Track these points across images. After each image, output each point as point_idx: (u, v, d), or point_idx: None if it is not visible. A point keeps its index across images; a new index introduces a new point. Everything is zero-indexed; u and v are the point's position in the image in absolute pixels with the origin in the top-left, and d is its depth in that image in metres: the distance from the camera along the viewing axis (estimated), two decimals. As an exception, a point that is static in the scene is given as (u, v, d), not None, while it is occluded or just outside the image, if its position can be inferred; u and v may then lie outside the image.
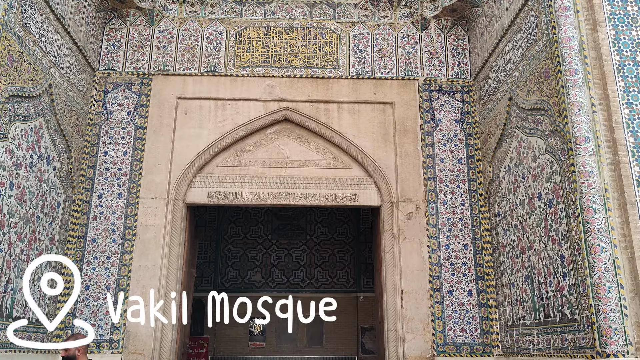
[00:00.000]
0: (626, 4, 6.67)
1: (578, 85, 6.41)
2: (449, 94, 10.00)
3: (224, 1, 10.48)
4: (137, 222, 9.04)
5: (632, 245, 5.82)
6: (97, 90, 9.66)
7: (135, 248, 8.93)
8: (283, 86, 9.98)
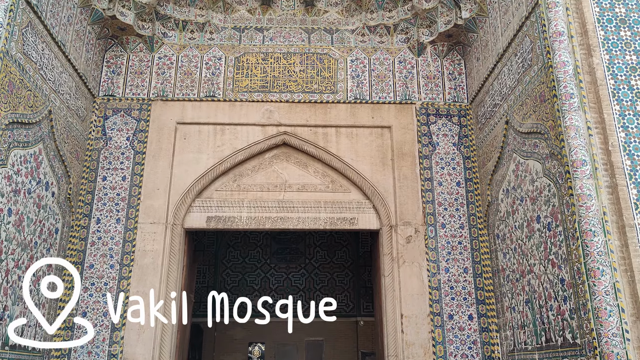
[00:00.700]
0: (619, 29, 6.78)
1: (574, 109, 6.47)
2: (447, 118, 10.07)
3: (223, 28, 10.62)
4: (135, 247, 9.01)
5: (632, 269, 5.81)
6: (97, 116, 9.72)
7: (133, 274, 8.88)
8: (281, 111, 10.06)
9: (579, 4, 6.93)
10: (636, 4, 6.90)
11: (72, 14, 8.75)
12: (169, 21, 10.41)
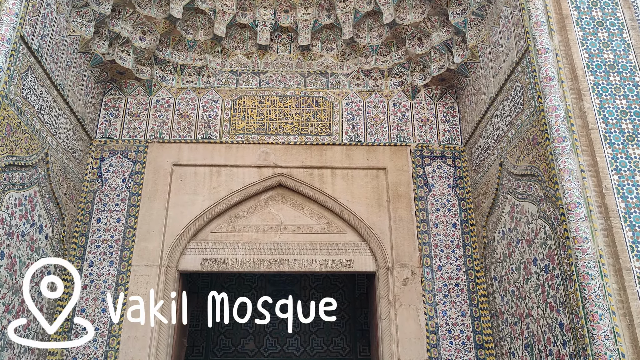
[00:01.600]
0: (608, 74, 6.94)
1: (566, 152, 6.55)
2: (441, 160, 10.16)
3: (220, 71, 10.81)
4: (128, 290, 8.88)
5: (631, 312, 5.75)
6: (93, 158, 9.75)
7: (124, 318, 8.71)
8: (277, 153, 10.13)
9: (568, 50, 7.12)
10: (624, 50, 7.09)
11: (72, 59, 8.89)
12: (167, 65, 10.59)
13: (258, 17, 10.79)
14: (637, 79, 6.91)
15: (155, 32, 10.14)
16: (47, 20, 7.93)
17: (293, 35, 11.01)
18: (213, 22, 10.50)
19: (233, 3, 10.58)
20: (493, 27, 8.82)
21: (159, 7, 10.02)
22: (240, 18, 10.73)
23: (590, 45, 7.12)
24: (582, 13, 7.34)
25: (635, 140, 6.56)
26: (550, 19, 7.35)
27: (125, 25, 9.83)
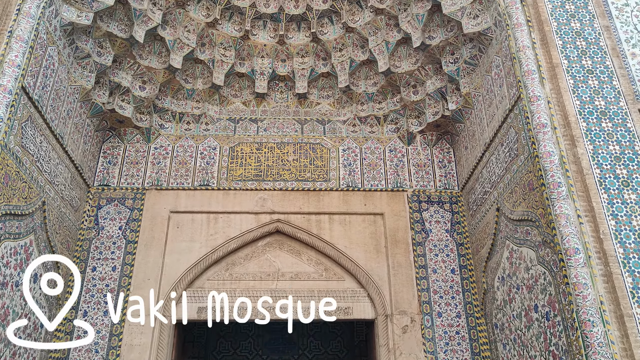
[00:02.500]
0: (600, 121, 7.06)
1: (562, 197, 6.58)
2: (438, 205, 10.17)
3: (218, 119, 10.96)
4: (122, 341, 8.69)
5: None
6: (90, 206, 9.74)
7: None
8: (275, 199, 10.14)
9: (560, 97, 7.27)
10: (614, 97, 7.25)
11: (72, 108, 9.02)
12: (166, 113, 10.74)
13: (256, 66, 11.03)
14: (629, 125, 7.03)
15: (155, 81, 10.34)
16: (48, 71, 8.09)
17: (290, 84, 11.23)
18: (212, 71, 10.72)
19: (231, 53, 10.84)
20: (485, 75, 9.02)
21: (159, 57, 10.25)
22: (239, 67, 10.96)
23: (582, 93, 7.28)
24: (572, 62, 7.54)
25: (630, 185, 6.61)
26: (540, 67, 7.54)
27: (126, 76, 10.03)
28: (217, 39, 10.73)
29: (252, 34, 10.87)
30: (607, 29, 7.85)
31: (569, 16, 7.97)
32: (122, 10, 9.45)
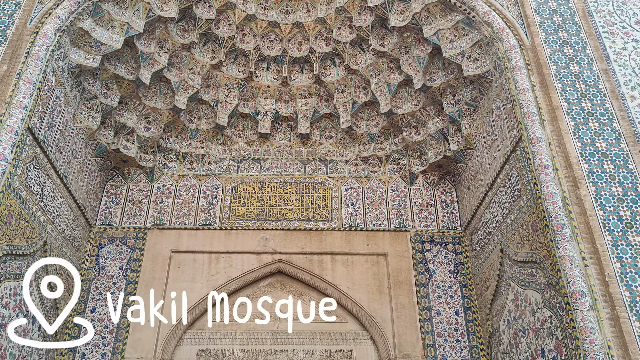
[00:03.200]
0: (602, 162, 7.08)
1: (566, 239, 6.53)
2: (441, 245, 10.10)
3: (221, 159, 11.03)
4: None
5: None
6: (92, 245, 9.70)
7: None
8: (277, 239, 10.09)
9: (561, 139, 7.32)
10: (615, 139, 7.29)
11: (77, 148, 9.10)
12: (169, 153, 10.83)
13: (259, 107, 11.18)
14: (631, 167, 7.05)
15: (159, 121, 10.47)
16: (55, 112, 8.21)
17: (293, 124, 11.35)
18: (216, 112, 10.86)
19: (235, 94, 11.01)
20: (486, 117, 9.11)
21: (164, 98, 10.40)
22: (242, 108, 11.11)
23: (582, 135, 7.33)
24: (571, 104, 7.63)
25: (634, 227, 6.58)
26: (541, 109, 7.62)
27: (131, 116, 10.16)
28: (221, 81, 10.92)
29: (256, 76, 11.06)
30: (605, 72, 7.97)
31: (567, 60, 8.10)
32: (129, 53, 9.66)
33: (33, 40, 7.74)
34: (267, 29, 10.93)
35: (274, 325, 9.54)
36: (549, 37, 8.35)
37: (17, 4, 8.17)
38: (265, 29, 10.92)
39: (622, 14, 8.79)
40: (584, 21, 8.57)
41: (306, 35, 10.99)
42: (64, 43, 8.29)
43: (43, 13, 8.07)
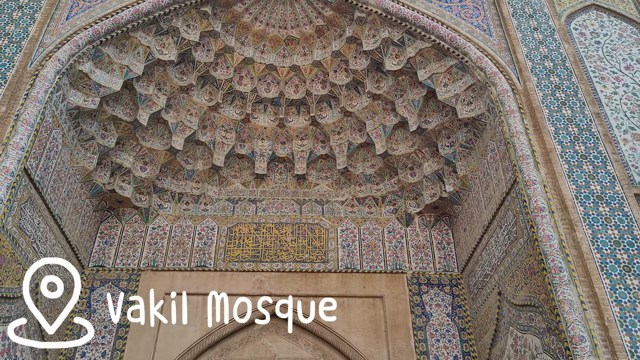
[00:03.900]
0: (597, 205, 7.10)
1: (564, 282, 6.48)
2: (438, 287, 9.99)
3: (217, 199, 11.01)
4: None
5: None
6: (84, 287, 9.54)
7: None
8: (272, 280, 9.97)
9: (556, 181, 7.36)
10: (610, 182, 7.33)
11: (73, 189, 9.08)
12: (165, 193, 10.81)
13: (256, 148, 11.25)
14: (626, 210, 7.06)
15: (156, 162, 10.49)
16: (52, 153, 8.22)
17: (289, 165, 11.40)
18: (212, 152, 10.92)
19: (232, 135, 11.09)
20: (481, 159, 9.18)
21: (162, 139, 10.47)
22: (239, 149, 11.18)
23: (577, 177, 7.37)
24: (565, 147, 7.70)
25: (632, 270, 6.54)
26: (535, 152, 7.69)
27: (128, 157, 10.19)
28: (218, 122, 11.02)
29: (252, 117, 11.18)
30: (597, 115, 8.09)
31: (559, 104, 8.24)
32: (127, 95, 9.77)
33: (33, 82, 7.83)
34: (264, 72, 11.12)
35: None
36: (540, 81, 8.51)
37: (18, 47, 8.30)
38: (263, 71, 11.10)
39: (612, 59, 9.00)
40: (575, 66, 8.76)
41: (303, 78, 11.17)
42: (63, 85, 8.38)
43: (44, 56, 8.20)
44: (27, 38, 8.43)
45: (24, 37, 8.44)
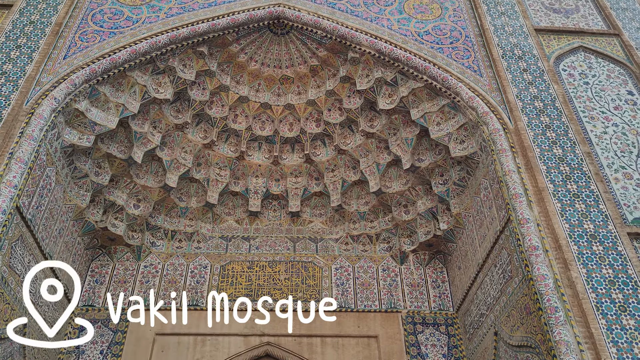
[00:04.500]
0: (591, 244, 7.11)
1: (560, 323, 6.41)
2: (434, 327, 9.86)
3: (210, 237, 10.94)
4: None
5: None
6: (73, 328, 9.35)
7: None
8: (265, 320, 9.80)
9: (549, 220, 7.38)
10: (602, 221, 7.36)
11: (64, 227, 9.01)
12: (158, 231, 10.73)
13: (250, 185, 11.26)
14: (620, 249, 7.07)
15: (149, 199, 10.46)
16: (44, 190, 8.19)
17: (283, 202, 11.39)
18: (206, 190, 10.91)
19: (226, 172, 11.11)
20: (475, 197, 9.22)
21: (156, 177, 10.47)
22: (233, 186, 11.18)
23: (570, 216, 7.40)
24: (557, 186, 7.76)
25: (627, 310, 6.49)
26: (527, 191, 7.74)
27: (121, 194, 10.16)
28: (213, 159, 11.06)
29: (247, 155, 11.23)
30: (588, 155, 8.19)
31: (550, 143, 8.34)
32: (122, 133, 9.82)
33: (28, 120, 7.86)
34: (259, 110, 11.24)
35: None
36: (531, 121, 8.64)
37: (14, 86, 8.37)
38: (258, 110, 11.23)
39: (601, 99, 9.17)
40: (565, 106, 8.91)
41: (297, 116, 11.30)
42: (59, 123, 8.42)
43: (40, 94, 8.26)
44: (24, 77, 8.51)
45: (20, 76, 8.52)
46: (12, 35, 9.24)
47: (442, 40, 10.07)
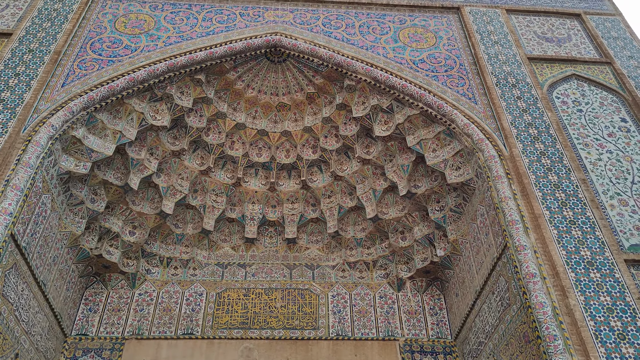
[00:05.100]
0: (588, 271, 7.09)
1: (559, 351, 6.36)
2: (432, 355, 9.73)
3: (206, 264, 10.85)
4: None
5: None
6: (65, 357, 9.18)
7: None
8: (261, 348, 9.68)
9: (546, 247, 7.37)
10: (599, 248, 7.36)
11: (59, 254, 8.93)
12: (153, 258, 10.65)
13: (246, 212, 11.24)
14: (617, 276, 7.05)
15: (145, 226, 10.40)
16: (40, 218, 8.14)
17: (280, 229, 11.35)
18: (202, 216, 10.87)
19: (223, 199, 11.10)
20: (471, 223, 9.21)
21: (152, 203, 10.44)
22: (229, 213, 11.15)
23: (566, 243, 7.40)
24: (553, 212, 7.77)
25: (626, 338, 6.44)
26: (524, 217, 7.74)
27: (117, 221, 10.11)
28: (209, 186, 11.05)
29: (243, 181, 11.23)
30: (583, 181, 8.22)
31: (545, 170, 8.38)
32: (119, 160, 9.83)
33: (25, 147, 7.85)
34: (256, 137, 11.29)
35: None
36: (526, 148, 8.70)
37: (12, 113, 8.40)
38: (254, 136, 11.28)
39: (595, 126, 9.26)
40: (559, 134, 8.99)
41: (294, 143, 11.34)
42: (55, 150, 8.42)
43: (37, 122, 8.28)
44: (21, 104, 8.54)
45: (18, 104, 8.55)
46: (11, 63, 9.31)
47: (437, 68, 10.20)
